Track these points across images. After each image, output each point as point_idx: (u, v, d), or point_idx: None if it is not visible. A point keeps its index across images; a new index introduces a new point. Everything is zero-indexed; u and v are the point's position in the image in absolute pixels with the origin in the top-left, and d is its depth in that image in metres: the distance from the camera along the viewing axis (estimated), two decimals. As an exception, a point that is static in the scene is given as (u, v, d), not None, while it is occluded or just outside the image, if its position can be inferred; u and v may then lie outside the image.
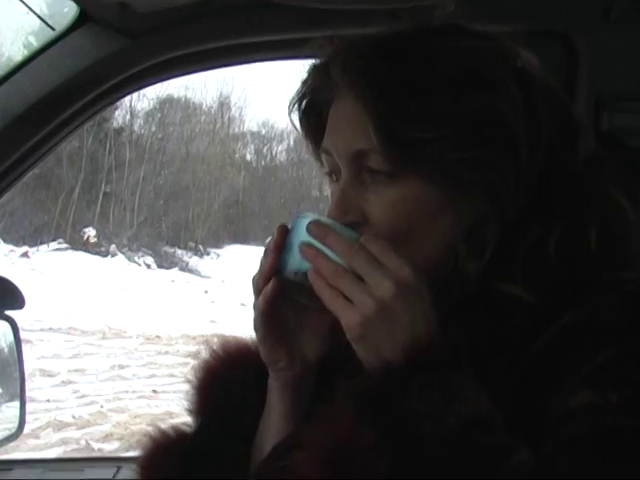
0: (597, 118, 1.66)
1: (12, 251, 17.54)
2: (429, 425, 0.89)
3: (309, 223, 1.01)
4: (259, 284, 1.07)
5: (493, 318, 1.01)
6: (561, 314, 0.98)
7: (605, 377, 0.94)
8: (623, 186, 1.08)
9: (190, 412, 1.23)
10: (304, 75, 1.14)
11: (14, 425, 2.34)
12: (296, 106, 1.16)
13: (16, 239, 18.55)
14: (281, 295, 1.06)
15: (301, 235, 1.02)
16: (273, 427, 1.14)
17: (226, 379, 1.21)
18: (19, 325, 2.30)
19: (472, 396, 0.92)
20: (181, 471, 1.18)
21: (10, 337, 2.22)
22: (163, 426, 1.24)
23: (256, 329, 1.10)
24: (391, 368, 0.93)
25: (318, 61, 1.12)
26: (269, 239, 1.07)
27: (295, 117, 1.16)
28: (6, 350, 2.58)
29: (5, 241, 18.01)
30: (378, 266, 0.96)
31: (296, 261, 1.02)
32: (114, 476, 2.29)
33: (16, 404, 2.34)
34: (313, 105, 1.15)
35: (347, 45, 1.08)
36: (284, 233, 1.04)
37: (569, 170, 1.07)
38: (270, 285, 1.06)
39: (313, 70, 1.13)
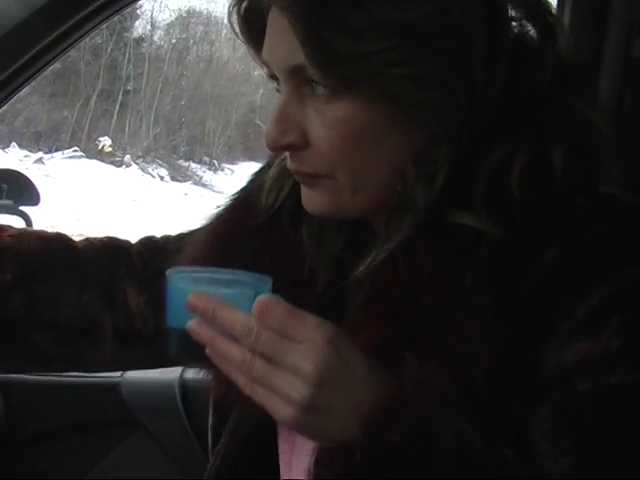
0: (629, 44, 1.62)
1: (27, 156, 17.52)
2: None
3: (189, 298, 0.86)
4: None
5: (452, 252, 0.93)
6: (542, 251, 0.91)
7: (603, 320, 0.88)
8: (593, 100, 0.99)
9: None
10: None
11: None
12: (235, 9, 1.03)
13: (31, 145, 18.52)
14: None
15: (182, 300, 0.88)
16: None
17: None
18: (33, 222, 2.31)
19: (451, 431, 0.85)
20: None
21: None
22: None
23: None
24: (348, 444, 0.84)
25: None
26: None
27: (235, 21, 1.03)
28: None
29: (20, 146, 17.97)
30: (288, 345, 0.83)
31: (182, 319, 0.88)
32: (122, 374, 2.32)
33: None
34: (252, 8, 1.01)
35: None
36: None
37: (536, 83, 0.97)
38: None
39: None
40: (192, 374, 2.35)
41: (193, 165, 22.31)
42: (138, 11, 21.28)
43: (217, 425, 1.18)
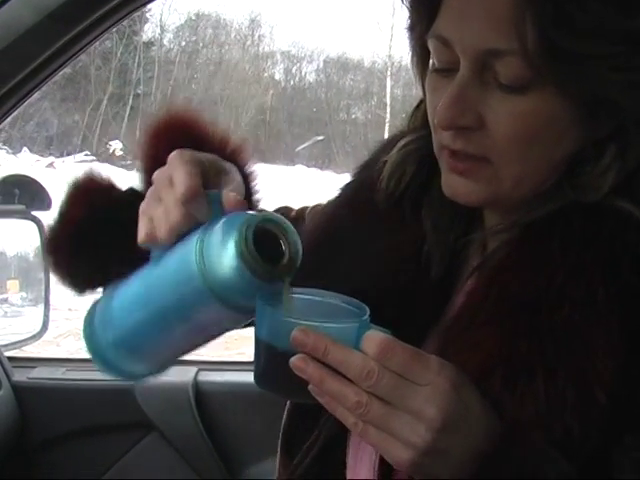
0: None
1: (38, 161, 17.58)
2: None
3: (295, 333, 0.78)
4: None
5: (589, 257, 0.90)
6: None
7: None
8: None
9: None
10: None
11: (38, 326, 2.37)
12: None
13: (42, 149, 18.59)
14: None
15: (279, 327, 0.81)
16: None
17: None
18: (45, 226, 2.32)
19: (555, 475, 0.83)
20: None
21: (37, 238, 2.24)
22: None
23: None
24: None
25: None
26: None
27: None
28: (31, 255, 2.61)
29: (31, 151, 18.03)
30: (410, 389, 0.79)
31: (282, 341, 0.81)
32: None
33: (39, 310, 2.38)
34: None
35: None
36: None
37: None
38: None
39: None
40: (205, 376, 2.36)
41: (204, 167, 22.36)
42: (147, 14, 21.36)
43: (292, 432, 1.14)
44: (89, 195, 1.17)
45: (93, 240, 1.15)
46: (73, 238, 1.16)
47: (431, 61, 0.97)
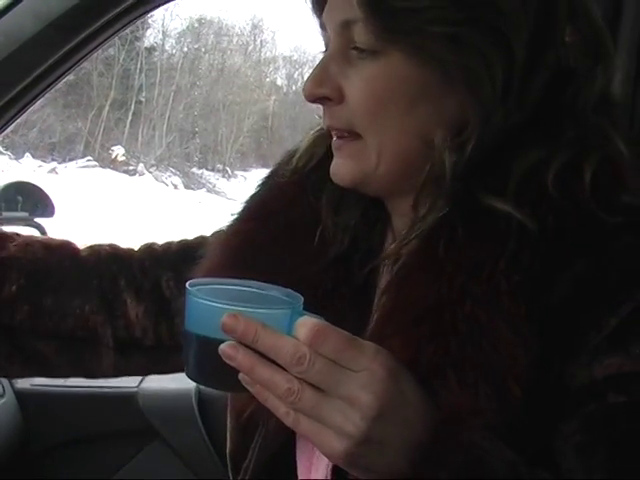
0: None
1: (40, 167, 17.60)
2: None
3: (225, 319, 0.76)
4: None
5: (487, 250, 0.90)
6: (570, 262, 0.89)
7: (633, 332, 0.87)
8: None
9: None
10: None
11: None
12: None
13: (45, 155, 18.60)
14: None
15: (208, 317, 0.79)
16: None
17: None
18: (48, 233, 2.32)
19: (499, 461, 0.81)
20: None
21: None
22: None
23: None
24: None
25: None
26: None
27: None
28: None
29: (34, 157, 18.05)
30: (344, 375, 0.76)
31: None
32: (138, 384, 2.33)
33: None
34: None
35: None
36: None
37: (583, 100, 0.97)
38: None
39: None
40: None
41: (206, 173, 22.37)
42: (149, 20, 21.37)
43: (238, 440, 1.12)
44: None
45: None
46: None
47: None
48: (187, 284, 0.82)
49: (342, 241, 1.07)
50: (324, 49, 1.04)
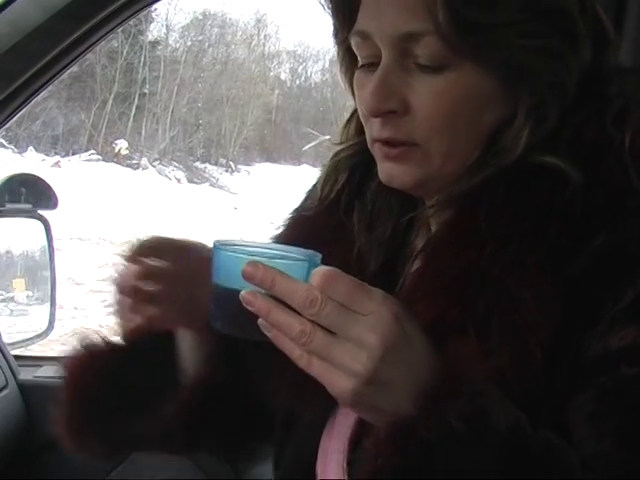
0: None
1: (44, 160, 17.62)
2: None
3: (246, 266, 0.82)
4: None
5: (517, 221, 0.93)
6: (593, 234, 0.91)
7: None
8: None
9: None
10: None
11: (44, 325, 2.37)
12: None
13: (48, 148, 18.64)
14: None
15: (232, 268, 0.85)
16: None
17: None
18: (52, 225, 2.32)
19: (502, 413, 0.83)
20: (107, 377, 1.14)
21: (43, 237, 2.25)
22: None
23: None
24: (399, 420, 0.82)
25: None
26: None
27: None
28: (38, 253, 2.61)
29: (37, 150, 18.08)
30: (352, 317, 0.81)
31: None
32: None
33: (45, 309, 2.38)
34: None
35: None
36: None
37: (604, 86, 1.01)
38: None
39: None
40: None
41: (209, 167, 22.42)
42: (153, 14, 21.40)
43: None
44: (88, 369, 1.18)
45: (107, 407, 1.16)
46: (86, 412, 1.18)
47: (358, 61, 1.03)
48: (213, 241, 0.88)
49: (378, 255, 1.09)
50: (360, 62, 1.02)
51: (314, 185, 1.19)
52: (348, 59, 1.06)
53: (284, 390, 1.01)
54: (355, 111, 1.10)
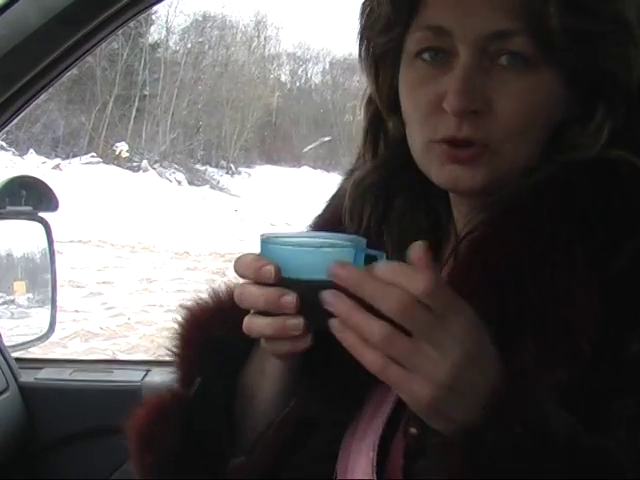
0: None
1: (44, 163, 17.63)
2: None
3: (335, 267, 0.81)
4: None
5: (566, 220, 0.94)
6: (634, 232, 0.92)
7: None
8: None
9: (176, 362, 1.12)
10: None
11: (45, 327, 2.38)
12: None
13: (48, 151, 18.64)
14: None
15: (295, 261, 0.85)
16: (269, 393, 1.05)
17: (216, 328, 1.08)
18: (52, 227, 2.32)
19: (563, 422, 0.84)
20: (182, 437, 1.07)
21: (43, 239, 2.25)
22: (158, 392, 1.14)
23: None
24: (466, 427, 0.82)
25: None
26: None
27: None
28: (38, 256, 2.61)
29: (38, 153, 18.09)
30: (440, 324, 0.80)
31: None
32: (142, 379, 2.33)
33: (46, 311, 2.38)
34: None
35: None
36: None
37: None
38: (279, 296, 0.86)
39: None
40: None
41: (210, 169, 22.43)
42: (153, 16, 21.41)
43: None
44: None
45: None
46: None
47: (404, 55, 1.01)
48: (260, 236, 0.88)
49: None
50: (425, 56, 0.99)
51: (334, 195, 1.18)
52: (393, 54, 1.03)
53: (313, 391, 1.00)
54: (369, 127, 1.10)
